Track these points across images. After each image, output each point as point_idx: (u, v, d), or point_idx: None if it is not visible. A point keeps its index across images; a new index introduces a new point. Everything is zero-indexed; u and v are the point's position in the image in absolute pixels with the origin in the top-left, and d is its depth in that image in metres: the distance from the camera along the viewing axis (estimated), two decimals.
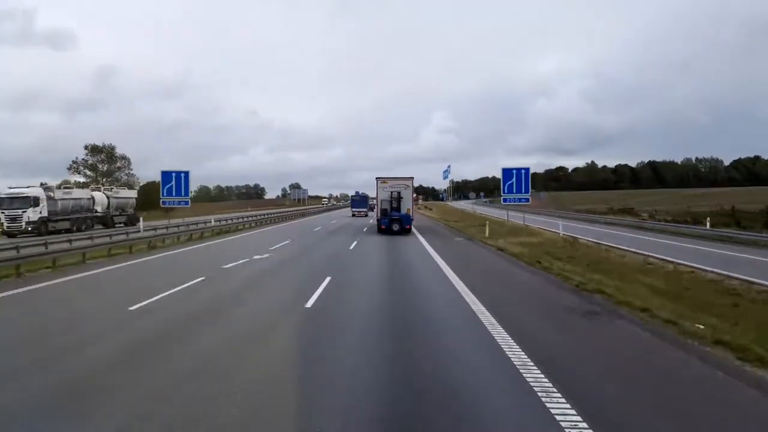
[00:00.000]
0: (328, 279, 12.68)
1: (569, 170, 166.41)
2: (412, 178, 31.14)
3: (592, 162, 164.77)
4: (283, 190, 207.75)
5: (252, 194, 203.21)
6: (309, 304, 9.82)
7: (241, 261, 17.00)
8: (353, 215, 56.08)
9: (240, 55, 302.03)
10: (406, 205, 29.38)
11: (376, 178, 29.61)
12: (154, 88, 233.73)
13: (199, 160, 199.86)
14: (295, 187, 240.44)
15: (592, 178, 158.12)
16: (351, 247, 22.09)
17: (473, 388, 5.35)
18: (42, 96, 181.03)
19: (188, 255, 20.42)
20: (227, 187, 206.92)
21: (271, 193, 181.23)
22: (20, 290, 11.99)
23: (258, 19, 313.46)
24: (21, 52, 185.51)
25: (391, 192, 28.64)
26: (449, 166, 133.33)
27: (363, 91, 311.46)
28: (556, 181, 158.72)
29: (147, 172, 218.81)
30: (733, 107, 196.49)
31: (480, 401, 4.99)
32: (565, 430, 4.29)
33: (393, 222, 28.19)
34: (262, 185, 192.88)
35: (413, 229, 30.99)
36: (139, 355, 6.66)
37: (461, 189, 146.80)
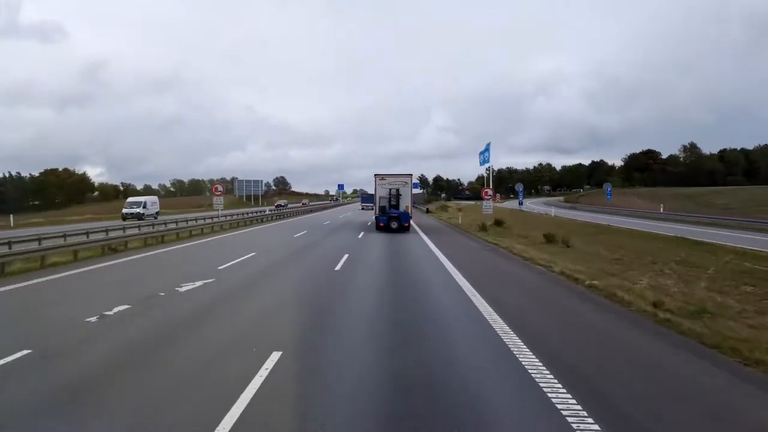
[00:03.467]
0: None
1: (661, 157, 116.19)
2: (410, 175, 29.49)
3: (691, 145, 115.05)
4: (267, 185, 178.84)
5: (231, 190, 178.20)
6: None
7: None
8: (362, 209, 61.30)
9: (238, 51, 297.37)
10: (405, 203, 27.69)
11: (375, 174, 28.53)
12: (150, 83, 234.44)
13: (198, 156, 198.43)
14: (281, 182, 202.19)
15: (693, 169, 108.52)
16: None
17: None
18: (31, 90, 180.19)
19: None
20: (200, 180, 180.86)
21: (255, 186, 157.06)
22: None
23: (256, 16, 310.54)
24: (6, 44, 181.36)
25: (390, 189, 27.38)
26: (489, 146, 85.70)
27: (363, 89, 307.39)
28: (642, 171, 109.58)
29: (145, 169, 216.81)
30: (735, 105, 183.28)
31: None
32: None
33: (391, 219, 26.35)
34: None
35: None
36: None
37: (505, 181, 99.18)
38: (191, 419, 4.02)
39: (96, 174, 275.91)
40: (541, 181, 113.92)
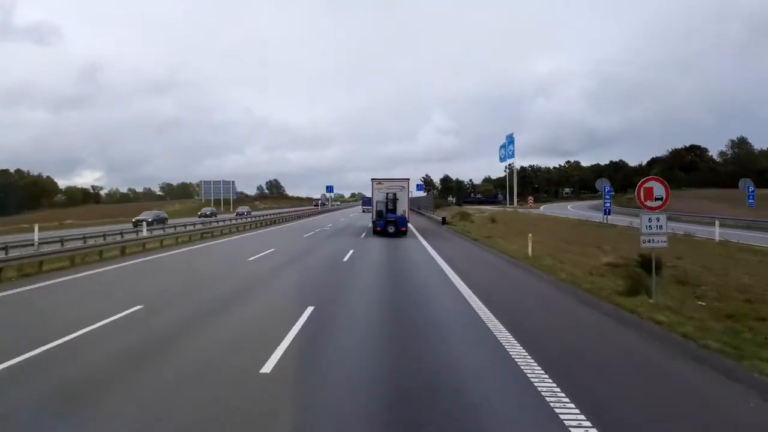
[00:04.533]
0: None
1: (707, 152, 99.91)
2: (408, 180, 29.27)
3: (741, 140, 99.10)
4: (259, 188, 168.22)
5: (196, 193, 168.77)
6: None
7: None
8: (363, 211, 59.86)
9: (237, 52, 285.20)
10: (402, 207, 27.50)
11: (372, 179, 28.42)
12: (147, 85, 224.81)
13: (196, 158, 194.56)
14: (274, 185, 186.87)
15: (742, 167, 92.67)
16: None
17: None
18: (27, 93, 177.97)
19: None
20: (189, 183, 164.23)
21: (249, 189, 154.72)
22: None
23: (254, 16, 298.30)
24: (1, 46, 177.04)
25: (387, 194, 27.23)
26: (512, 138, 70.15)
27: (362, 90, 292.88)
28: (686, 170, 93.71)
29: (143, 171, 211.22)
30: (734, 105, 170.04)
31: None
32: None
33: (389, 224, 26.45)
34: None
35: None
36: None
37: (528, 181, 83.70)
38: None
39: (95, 177, 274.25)
40: (569, 182, 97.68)
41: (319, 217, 54.48)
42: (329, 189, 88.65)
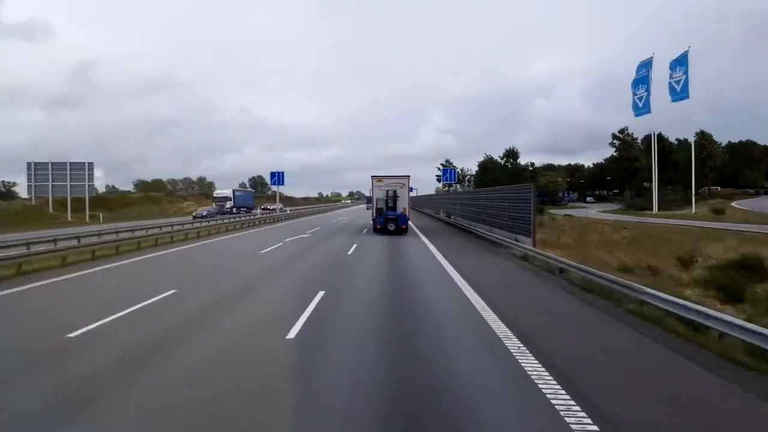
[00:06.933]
0: None
1: None
2: (408, 177, 29.62)
3: None
4: (242, 184, 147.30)
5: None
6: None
7: None
8: (367, 208, 57.31)
9: (233, 52, 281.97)
10: (402, 205, 28.12)
11: (372, 176, 29.22)
12: (142, 84, 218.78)
13: (192, 158, 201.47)
14: (258, 182, 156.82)
15: None
16: None
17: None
18: (18, 92, 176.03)
19: None
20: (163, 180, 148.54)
21: (232, 185, 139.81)
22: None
23: (251, 16, 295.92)
24: None
25: (387, 191, 27.88)
26: (684, 55, 35.63)
27: (360, 91, 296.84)
28: None
29: (140, 171, 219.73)
30: (735, 105, 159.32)
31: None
32: None
33: (389, 221, 27.28)
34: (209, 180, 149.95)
35: None
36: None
37: (666, 155, 48.88)
38: None
39: (95, 176, 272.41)
40: (707, 165, 62.40)
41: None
42: (275, 178, 47.82)
